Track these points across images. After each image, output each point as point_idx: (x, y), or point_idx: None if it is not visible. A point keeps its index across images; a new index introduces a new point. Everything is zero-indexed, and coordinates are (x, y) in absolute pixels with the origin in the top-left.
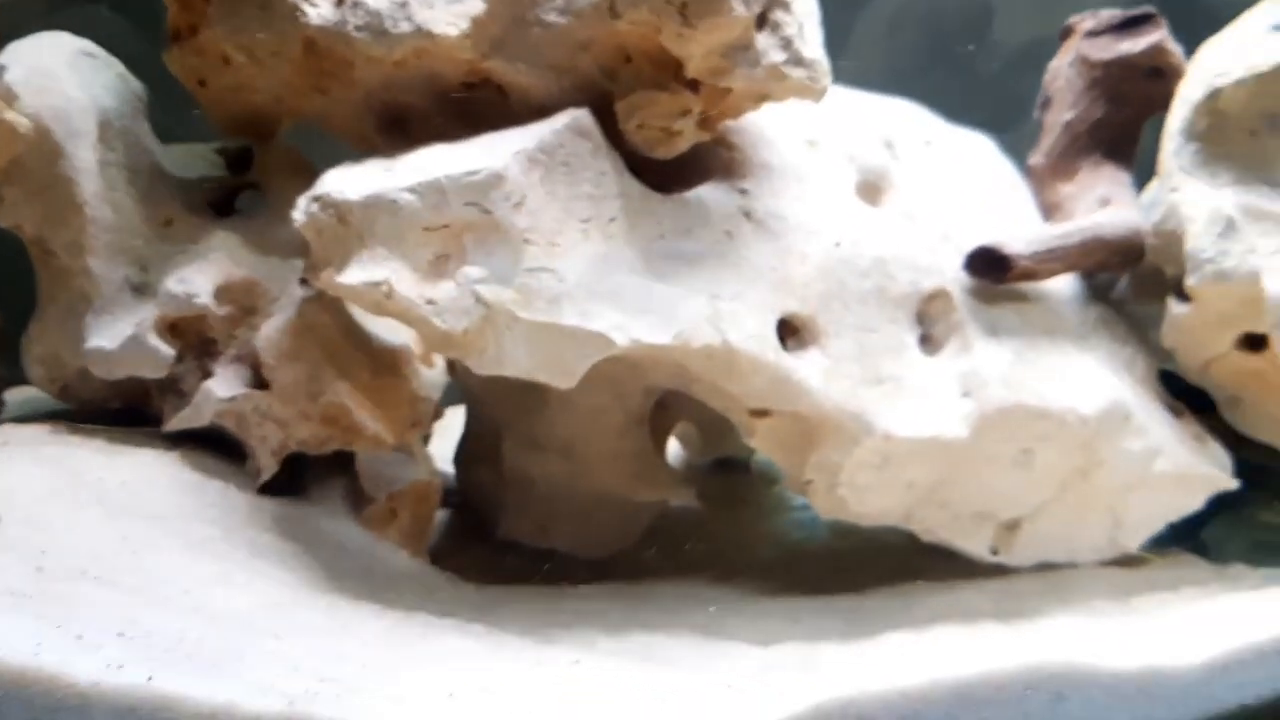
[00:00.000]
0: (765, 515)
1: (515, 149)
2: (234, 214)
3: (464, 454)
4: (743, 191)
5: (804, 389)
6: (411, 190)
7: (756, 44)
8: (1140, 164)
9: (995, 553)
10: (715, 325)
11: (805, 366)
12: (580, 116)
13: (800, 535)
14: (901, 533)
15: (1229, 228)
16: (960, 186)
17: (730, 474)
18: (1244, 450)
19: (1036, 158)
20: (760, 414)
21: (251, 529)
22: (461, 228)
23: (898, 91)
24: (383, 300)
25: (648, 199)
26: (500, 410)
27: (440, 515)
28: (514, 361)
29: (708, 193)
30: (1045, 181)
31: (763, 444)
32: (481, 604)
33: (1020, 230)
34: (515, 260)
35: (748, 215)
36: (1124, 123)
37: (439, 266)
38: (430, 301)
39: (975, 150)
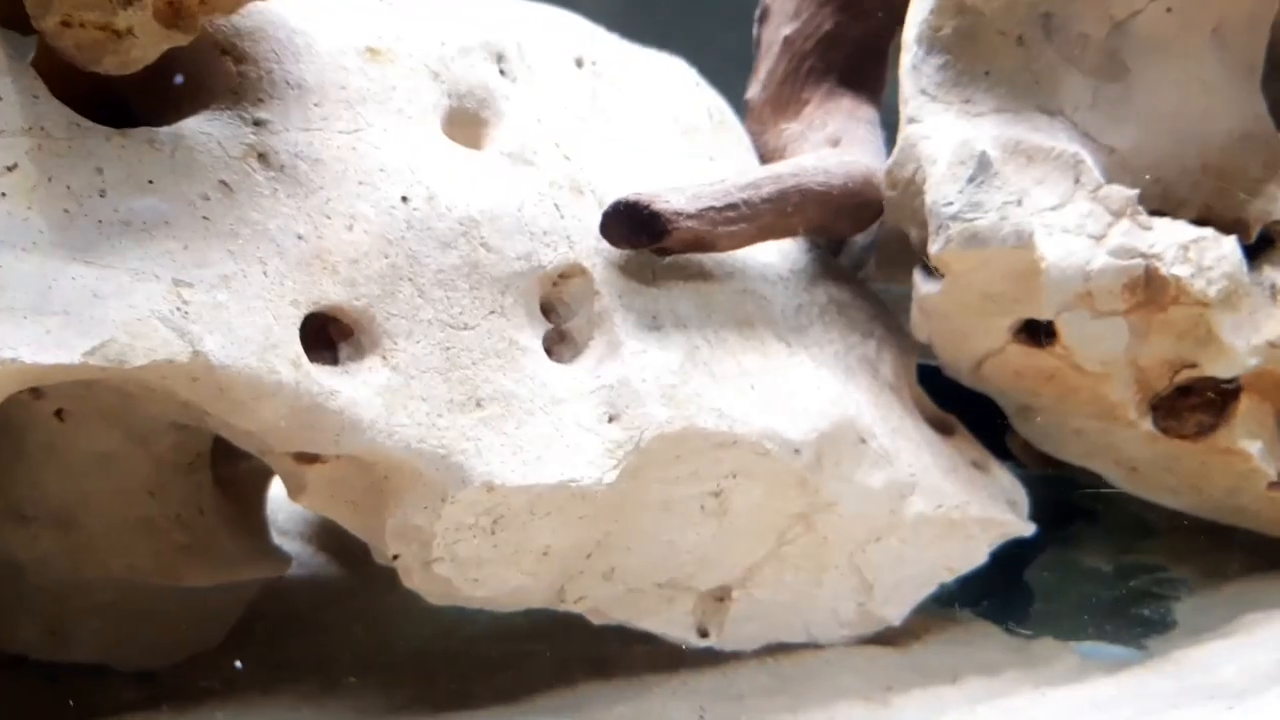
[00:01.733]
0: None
1: None
2: None
3: None
4: (257, 123)
5: (351, 421)
6: None
7: None
8: None
9: (704, 634)
10: (177, 328)
11: (354, 386)
12: None
13: (462, 614)
14: None
15: (983, 170)
16: (629, 126)
17: None
18: (1064, 470)
19: (753, 89)
20: (308, 459)
21: None
22: None
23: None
24: None
25: (84, 137)
26: None
27: None
28: None
29: (198, 126)
30: (764, 120)
31: (320, 504)
32: None
33: (689, 181)
34: None
35: (263, 158)
36: (863, 38)
37: None
38: None
39: (661, 78)
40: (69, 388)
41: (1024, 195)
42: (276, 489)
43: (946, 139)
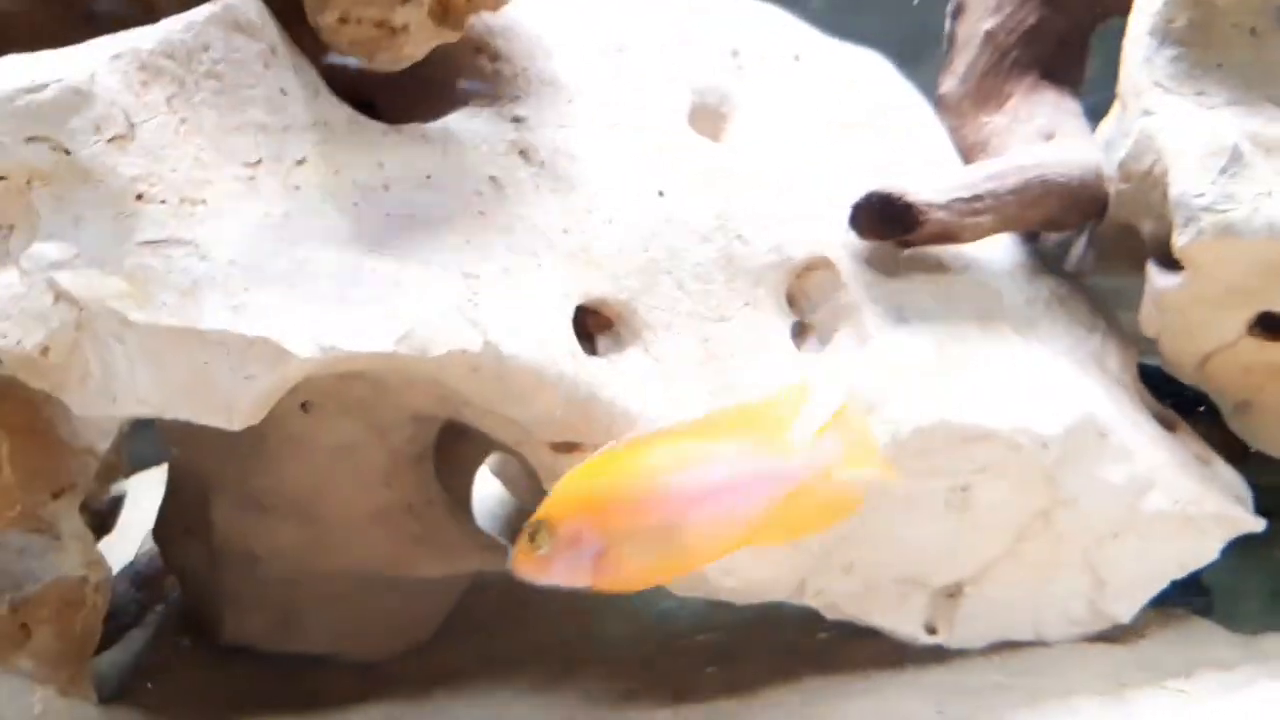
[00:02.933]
0: None
1: (115, 51)
2: None
3: (165, 525)
4: (516, 120)
5: (621, 411)
6: None
7: None
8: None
9: (932, 631)
10: (470, 319)
11: (621, 377)
12: (238, 4)
13: (665, 607)
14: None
15: (1235, 162)
16: (842, 118)
17: None
18: (1255, 469)
19: (949, 83)
20: (566, 448)
21: None
22: (27, 178)
23: None
24: None
25: (362, 131)
26: (204, 456)
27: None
28: (133, 393)
29: (461, 123)
30: (963, 113)
31: None
32: None
33: (933, 172)
34: (122, 229)
35: (524, 155)
36: (1066, 32)
37: None
38: None
39: (864, 72)
40: (319, 380)
41: (1272, 185)
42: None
43: (1191, 131)
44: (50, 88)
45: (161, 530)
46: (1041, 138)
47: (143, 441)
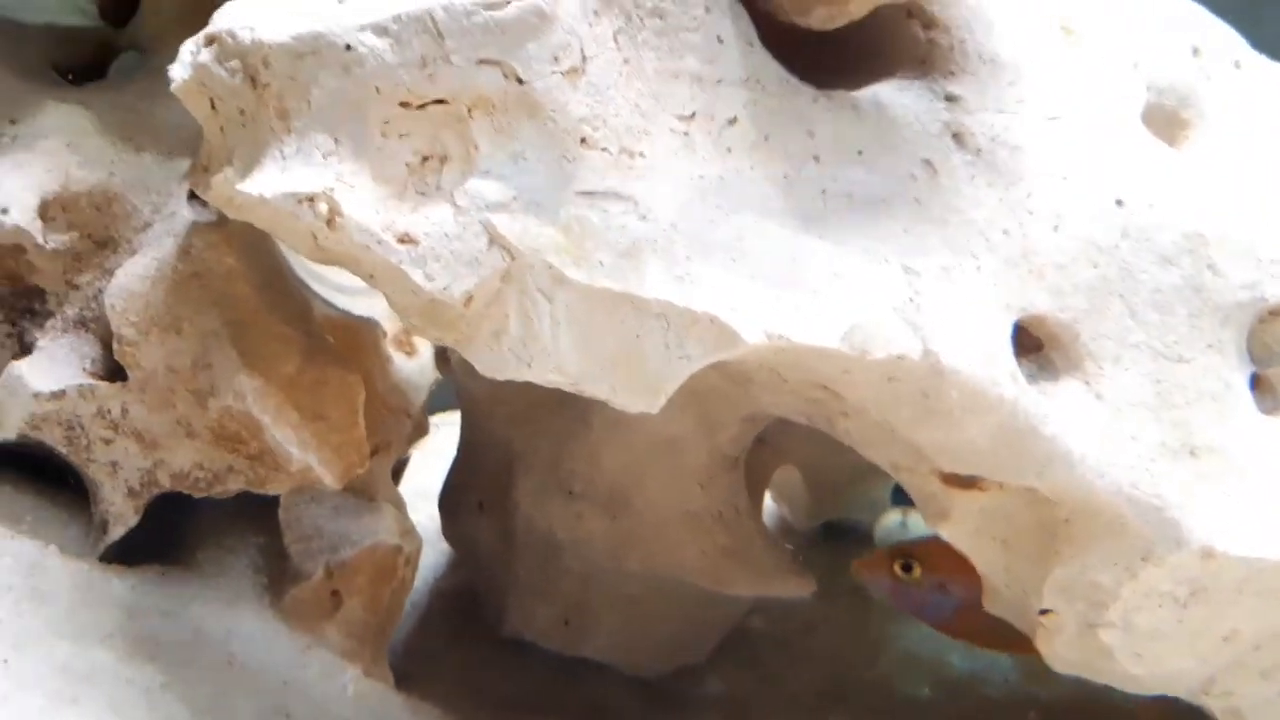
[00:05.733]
0: (899, 619)
1: None
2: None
3: (455, 496)
4: (949, 99)
5: (1061, 452)
6: (380, 30)
7: None
8: None
9: None
10: (911, 322)
11: (1063, 412)
12: None
13: (971, 667)
14: None
15: None
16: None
17: (843, 546)
18: None
19: None
20: (964, 483)
21: (76, 639)
22: (469, 105)
23: None
24: (320, 228)
25: (794, 95)
26: (515, 431)
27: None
28: (552, 358)
29: (892, 95)
30: None
31: (962, 534)
32: None
33: None
34: (563, 175)
35: (958, 139)
36: None
37: (425, 175)
38: (406, 238)
39: None
40: None
41: None
42: None
43: None
44: (511, 5)
45: (449, 500)
46: None
47: None
